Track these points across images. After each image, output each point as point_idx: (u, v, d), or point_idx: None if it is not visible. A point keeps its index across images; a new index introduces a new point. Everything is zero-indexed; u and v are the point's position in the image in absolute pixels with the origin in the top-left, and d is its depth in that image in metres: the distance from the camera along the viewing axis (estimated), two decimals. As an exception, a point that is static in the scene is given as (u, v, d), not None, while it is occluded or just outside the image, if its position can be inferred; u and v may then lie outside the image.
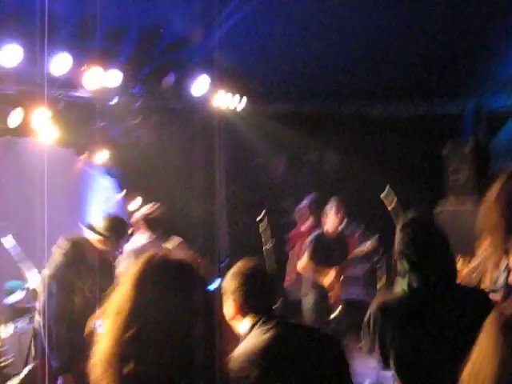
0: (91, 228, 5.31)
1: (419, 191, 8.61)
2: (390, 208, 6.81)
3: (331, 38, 8.63)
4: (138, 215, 7.00)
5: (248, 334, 2.93)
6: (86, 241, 5.25)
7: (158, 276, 1.74)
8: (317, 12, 8.30)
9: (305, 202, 8.41)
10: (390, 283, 6.83)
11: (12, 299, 6.55)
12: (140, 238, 6.78)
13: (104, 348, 1.70)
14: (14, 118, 6.88)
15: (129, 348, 1.65)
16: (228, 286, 3.04)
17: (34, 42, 6.33)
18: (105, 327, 1.74)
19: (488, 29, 8.42)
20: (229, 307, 3.01)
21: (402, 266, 3.21)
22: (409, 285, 3.15)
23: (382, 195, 6.96)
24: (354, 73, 9.17)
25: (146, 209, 7.08)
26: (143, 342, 1.64)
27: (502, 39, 8.58)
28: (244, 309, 2.99)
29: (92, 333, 4.41)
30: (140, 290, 1.72)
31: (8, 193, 7.39)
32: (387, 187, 6.95)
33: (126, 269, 5.31)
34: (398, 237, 3.29)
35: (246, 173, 10.01)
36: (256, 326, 2.93)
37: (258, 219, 7.18)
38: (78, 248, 5.17)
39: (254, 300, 3.00)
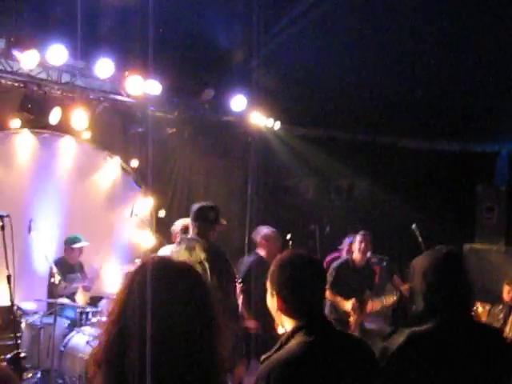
0: None
1: (450, 227, 8.51)
2: (419, 240, 6.74)
3: (373, 68, 8.68)
4: (178, 225, 6.62)
5: (289, 340, 2.52)
6: None
7: (154, 275, 1.68)
8: (359, 42, 8.38)
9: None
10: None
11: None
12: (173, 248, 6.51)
13: (98, 347, 1.71)
14: (54, 116, 7.02)
15: (117, 346, 1.65)
16: (274, 276, 2.61)
17: (80, 45, 6.49)
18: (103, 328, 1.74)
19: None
20: (272, 301, 2.61)
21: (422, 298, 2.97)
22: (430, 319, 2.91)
23: (413, 226, 6.90)
24: (392, 105, 9.18)
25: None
26: (131, 340, 1.63)
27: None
28: (289, 309, 2.56)
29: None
30: (133, 289, 1.69)
31: (40, 189, 7.51)
32: (414, 224, 6.90)
33: None
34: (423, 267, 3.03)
35: (276, 192, 10.00)
36: (299, 333, 2.51)
37: (287, 237, 7.12)
38: None
39: (301, 301, 2.57)
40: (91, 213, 7.92)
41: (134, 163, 8.12)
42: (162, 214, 8.34)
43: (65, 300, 6.59)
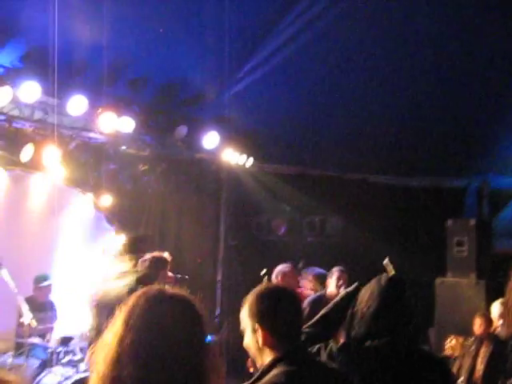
0: None
1: (422, 261, 8.60)
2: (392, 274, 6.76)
3: (343, 105, 8.85)
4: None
5: (270, 370, 2.46)
6: None
7: (151, 306, 1.70)
8: (329, 79, 8.55)
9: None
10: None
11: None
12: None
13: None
14: (26, 153, 6.98)
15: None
16: (253, 309, 2.56)
17: (53, 82, 6.50)
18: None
19: (498, 109, 8.63)
20: (252, 337, 2.55)
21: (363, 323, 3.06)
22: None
23: (385, 261, 6.93)
24: (362, 141, 9.33)
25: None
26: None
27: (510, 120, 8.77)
28: (273, 339, 2.51)
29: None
30: (133, 320, 1.68)
31: (11, 226, 7.41)
32: (387, 258, 6.93)
33: None
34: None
35: (249, 228, 10.02)
36: (280, 363, 2.46)
37: (262, 273, 7.09)
38: None
39: (285, 328, 2.54)
40: (63, 250, 7.83)
41: (107, 200, 8.07)
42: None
43: (35, 339, 6.44)
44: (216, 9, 7.49)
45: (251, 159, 9.23)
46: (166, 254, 5.98)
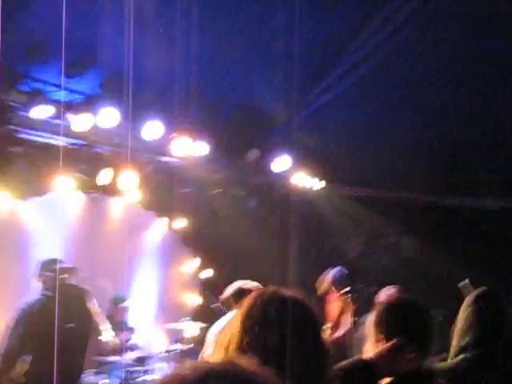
0: None
1: (503, 282, 8.30)
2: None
3: (415, 126, 8.75)
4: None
5: None
6: None
7: (267, 307, 1.74)
8: (400, 101, 8.49)
9: (330, 275, 7.51)
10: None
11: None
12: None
13: None
14: (104, 177, 7.21)
15: None
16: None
17: (130, 108, 6.72)
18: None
19: None
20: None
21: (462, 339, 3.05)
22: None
23: (460, 284, 6.73)
24: (436, 164, 9.19)
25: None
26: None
27: None
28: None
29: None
30: (250, 321, 1.72)
31: (89, 248, 7.62)
32: (467, 280, 6.72)
33: None
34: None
35: (321, 252, 9.95)
36: None
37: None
38: None
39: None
40: (139, 272, 7.99)
41: (182, 223, 8.21)
42: (208, 273, 8.36)
43: (115, 358, 6.57)
44: (286, 32, 7.60)
45: (323, 182, 9.21)
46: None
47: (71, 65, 6.33)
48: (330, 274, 6.70)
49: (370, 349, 2.71)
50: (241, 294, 5.50)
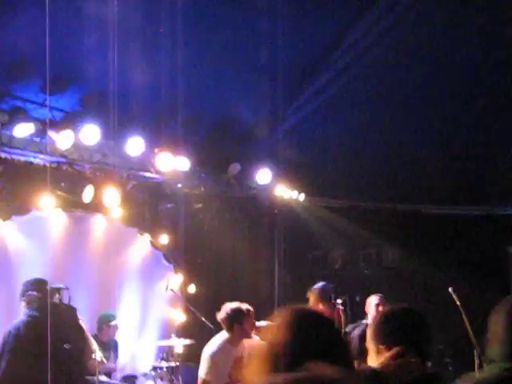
0: None
1: (484, 289, 8.42)
2: (458, 303, 6.63)
3: (394, 137, 8.85)
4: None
5: None
6: None
7: (301, 322, 1.95)
8: (379, 113, 8.60)
9: (315, 287, 7.49)
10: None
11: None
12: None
13: None
14: (87, 195, 7.14)
15: None
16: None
17: (111, 124, 6.70)
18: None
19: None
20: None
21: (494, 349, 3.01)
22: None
23: (450, 289, 6.80)
24: (414, 172, 9.30)
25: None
26: None
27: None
28: None
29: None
30: (283, 335, 1.88)
31: (73, 267, 7.53)
32: (450, 289, 6.79)
33: None
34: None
35: (304, 263, 9.99)
36: None
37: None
38: None
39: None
40: (123, 289, 7.92)
41: (164, 239, 8.17)
42: (191, 289, 8.31)
43: (103, 377, 6.48)
44: (265, 47, 7.66)
45: (302, 195, 9.27)
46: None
47: (51, 82, 6.29)
48: (315, 289, 6.77)
49: (373, 360, 2.73)
50: (237, 314, 5.53)
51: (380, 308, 6.90)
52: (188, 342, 7.12)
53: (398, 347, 2.81)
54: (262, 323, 5.72)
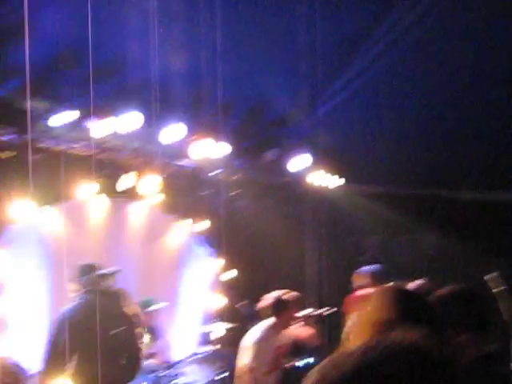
0: None
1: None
2: (495, 290, 6.55)
3: (434, 123, 8.77)
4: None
5: None
6: None
7: (399, 297, 2.15)
8: (419, 98, 8.51)
9: (368, 269, 7.38)
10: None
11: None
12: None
13: None
14: (126, 182, 7.19)
15: None
16: None
17: (152, 111, 6.72)
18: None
19: None
20: None
21: None
22: None
23: (486, 277, 6.72)
24: (453, 158, 9.21)
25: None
26: None
27: None
28: None
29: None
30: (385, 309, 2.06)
31: (114, 252, 7.58)
32: (495, 273, 6.70)
33: None
34: None
35: (341, 249, 9.96)
36: None
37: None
38: None
39: None
40: (162, 275, 7.98)
41: (204, 225, 8.21)
42: (232, 274, 8.36)
43: (146, 362, 6.55)
44: (303, 31, 7.60)
45: (342, 179, 9.22)
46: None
47: (93, 70, 6.31)
48: (369, 269, 6.68)
49: None
50: (279, 304, 5.56)
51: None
52: (228, 326, 7.16)
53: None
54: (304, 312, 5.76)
